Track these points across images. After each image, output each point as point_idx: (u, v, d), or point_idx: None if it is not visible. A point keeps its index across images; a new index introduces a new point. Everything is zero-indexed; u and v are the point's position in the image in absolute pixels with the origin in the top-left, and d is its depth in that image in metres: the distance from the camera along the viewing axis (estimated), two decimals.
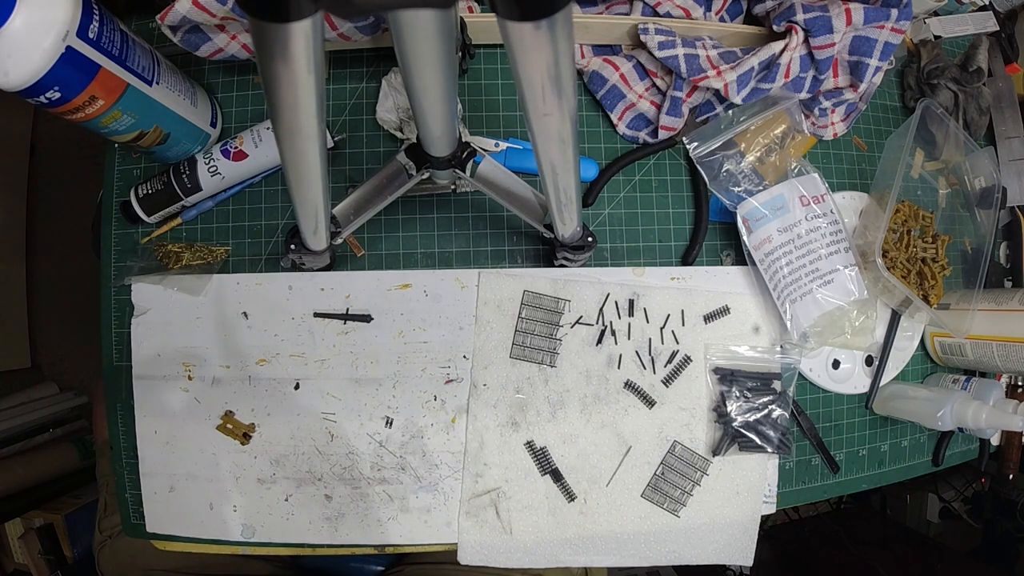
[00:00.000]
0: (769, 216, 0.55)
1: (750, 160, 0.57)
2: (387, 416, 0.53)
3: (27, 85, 0.38)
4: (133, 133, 0.47)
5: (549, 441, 0.54)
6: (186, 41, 0.49)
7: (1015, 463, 0.66)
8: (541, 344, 0.55)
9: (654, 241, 0.59)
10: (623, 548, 0.55)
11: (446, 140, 0.41)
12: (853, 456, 0.62)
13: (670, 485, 0.55)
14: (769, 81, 0.54)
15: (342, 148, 0.57)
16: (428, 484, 0.53)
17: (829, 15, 0.52)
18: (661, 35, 0.53)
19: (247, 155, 0.52)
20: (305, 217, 0.42)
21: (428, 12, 0.26)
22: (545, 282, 0.55)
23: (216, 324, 0.53)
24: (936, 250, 0.61)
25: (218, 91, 0.57)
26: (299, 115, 0.29)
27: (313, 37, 0.24)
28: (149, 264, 0.54)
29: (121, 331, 0.54)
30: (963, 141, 0.62)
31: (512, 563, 0.54)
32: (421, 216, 0.57)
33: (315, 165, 0.34)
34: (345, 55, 0.57)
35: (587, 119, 0.60)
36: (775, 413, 0.56)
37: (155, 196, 0.53)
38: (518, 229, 0.58)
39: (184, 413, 0.53)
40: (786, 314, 0.55)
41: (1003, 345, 0.58)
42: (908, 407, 0.59)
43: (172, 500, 0.52)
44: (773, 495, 0.57)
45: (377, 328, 0.54)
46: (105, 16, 0.41)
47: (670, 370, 0.56)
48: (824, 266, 0.55)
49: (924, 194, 0.64)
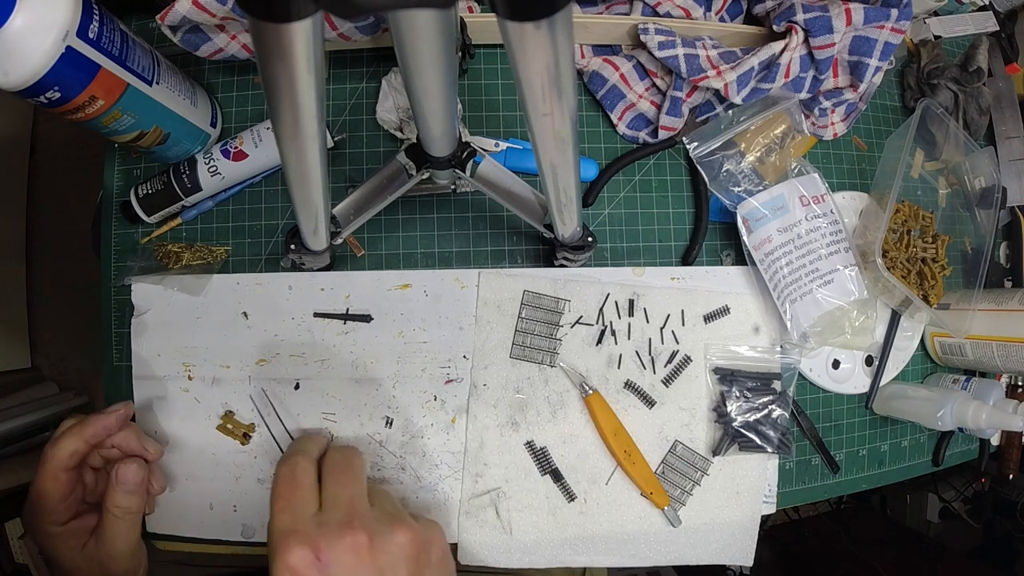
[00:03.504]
0: (769, 216, 0.55)
1: (750, 160, 0.57)
2: (387, 416, 0.53)
3: (27, 85, 0.38)
4: (133, 133, 0.47)
5: (549, 441, 0.54)
6: (186, 41, 0.49)
7: (1015, 463, 0.66)
8: (541, 344, 0.55)
9: (654, 241, 0.59)
10: (623, 548, 0.55)
11: (446, 140, 0.41)
12: (853, 456, 0.62)
13: (670, 485, 0.55)
14: (769, 81, 0.54)
15: (342, 148, 0.57)
16: (428, 484, 0.53)
17: (829, 15, 0.52)
18: (661, 35, 0.53)
19: (247, 155, 0.52)
20: (305, 217, 0.42)
21: (428, 12, 0.26)
22: (545, 282, 0.55)
23: (216, 324, 0.53)
24: (936, 250, 0.61)
25: (218, 91, 0.57)
26: (299, 115, 0.29)
27: (313, 37, 0.24)
28: (149, 264, 0.54)
29: (121, 331, 0.54)
30: (963, 141, 0.62)
31: (512, 563, 0.54)
32: (421, 216, 0.57)
33: (315, 165, 0.34)
34: (345, 55, 0.57)
35: (587, 119, 0.60)
36: (775, 413, 0.56)
37: (155, 196, 0.53)
38: (518, 229, 0.58)
39: (184, 413, 0.53)
40: (786, 314, 0.55)
41: (1003, 345, 0.58)
42: (908, 407, 0.59)
43: (172, 500, 0.52)
44: (773, 495, 0.57)
45: (377, 328, 0.54)
46: (105, 16, 0.41)
47: (670, 370, 0.56)
48: (824, 266, 0.55)
49: (924, 194, 0.64)
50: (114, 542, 0.44)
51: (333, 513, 0.37)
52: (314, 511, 0.37)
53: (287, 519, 0.36)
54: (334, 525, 0.36)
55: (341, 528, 0.35)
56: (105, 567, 0.44)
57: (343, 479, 0.39)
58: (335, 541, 0.35)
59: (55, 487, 0.43)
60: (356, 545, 0.35)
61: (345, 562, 0.34)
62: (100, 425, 0.45)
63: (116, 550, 0.44)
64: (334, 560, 0.34)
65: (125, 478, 0.44)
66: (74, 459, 0.44)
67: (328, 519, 0.36)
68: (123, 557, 0.45)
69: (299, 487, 0.38)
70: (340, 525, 0.35)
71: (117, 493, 0.44)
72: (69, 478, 0.44)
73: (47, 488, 0.43)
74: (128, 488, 0.44)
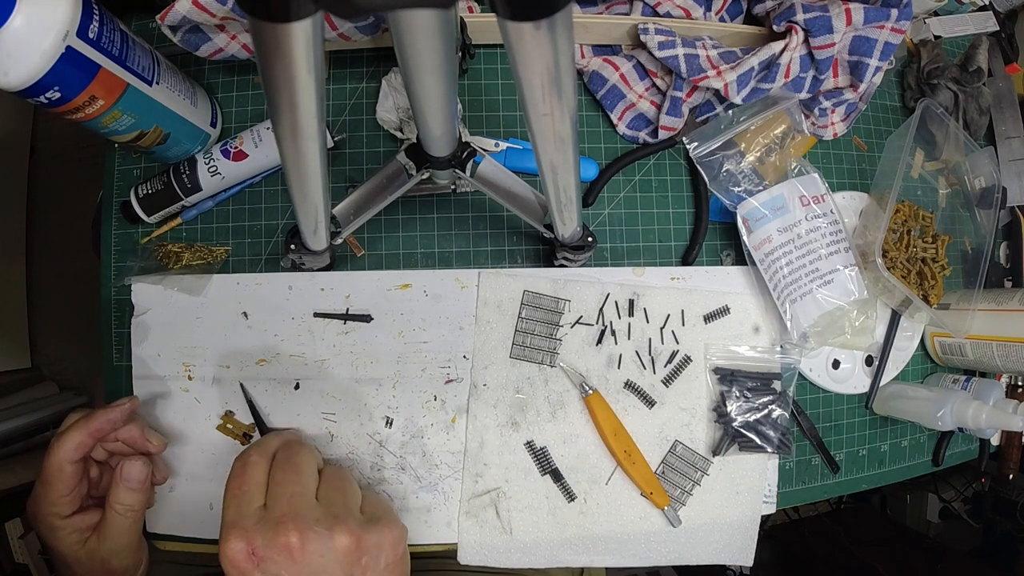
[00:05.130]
0: (769, 216, 0.55)
1: (750, 160, 0.57)
2: (387, 416, 0.53)
3: (27, 85, 0.38)
4: (133, 133, 0.47)
5: (549, 441, 0.54)
6: (186, 41, 0.49)
7: (1015, 463, 0.66)
8: (541, 344, 0.55)
9: (654, 241, 0.59)
10: (623, 548, 0.55)
11: (446, 140, 0.41)
12: (853, 456, 0.62)
13: (670, 485, 0.55)
14: (769, 81, 0.54)
15: (342, 148, 0.57)
16: (428, 484, 0.53)
17: (829, 15, 0.52)
18: (661, 35, 0.53)
19: (247, 155, 0.52)
20: (305, 217, 0.42)
21: (428, 12, 0.26)
22: (545, 282, 0.55)
23: (216, 324, 0.53)
24: (936, 250, 0.61)
25: (218, 91, 0.57)
26: (299, 115, 0.29)
27: (313, 37, 0.24)
28: (149, 264, 0.54)
29: (121, 331, 0.54)
30: (963, 141, 0.62)
31: (512, 563, 0.54)
32: (421, 216, 0.57)
33: (315, 165, 0.34)
34: (345, 55, 0.57)
35: (587, 119, 0.60)
36: (775, 413, 0.56)
37: (155, 196, 0.53)
38: (518, 229, 0.58)
39: (184, 413, 0.53)
40: (786, 314, 0.55)
41: (1003, 345, 0.58)
42: (908, 407, 0.59)
43: (172, 500, 0.52)
44: (773, 495, 0.57)
45: (377, 328, 0.54)
46: (105, 16, 0.41)
47: (670, 370, 0.56)
48: (824, 266, 0.55)
49: (924, 194, 0.64)
50: (116, 538, 0.44)
51: (272, 511, 0.37)
52: (258, 506, 0.38)
53: (232, 512, 0.37)
54: (271, 522, 0.36)
55: (276, 526, 0.36)
56: (106, 563, 0.44)
57: (283, 477, 0.40)
58: (269, 538, 0.36)
59: (59, 479, 0.43)
60: (288, 545, 0.35)
61: (277, 559, 0.35)
62: (105, 419, 0.45)
63: (118, 546, 0.44)
64: (267, 557, 0.35)
65: (129, 475, 0.44)
66: (79, 452, 0.44)
67: (267, 516, 0.37)
68: (124, 553, 0.45)
69: (246, 481, 0.39)
70: (275, 523, 0.36)
71: (121, 490, 0.44)
72: (74, 471, 0.44)
73: (52, 480, 0.43)
74: (132, 485, 0.44)
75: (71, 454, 0.43)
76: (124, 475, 0.44)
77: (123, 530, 0.44)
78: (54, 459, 0.43)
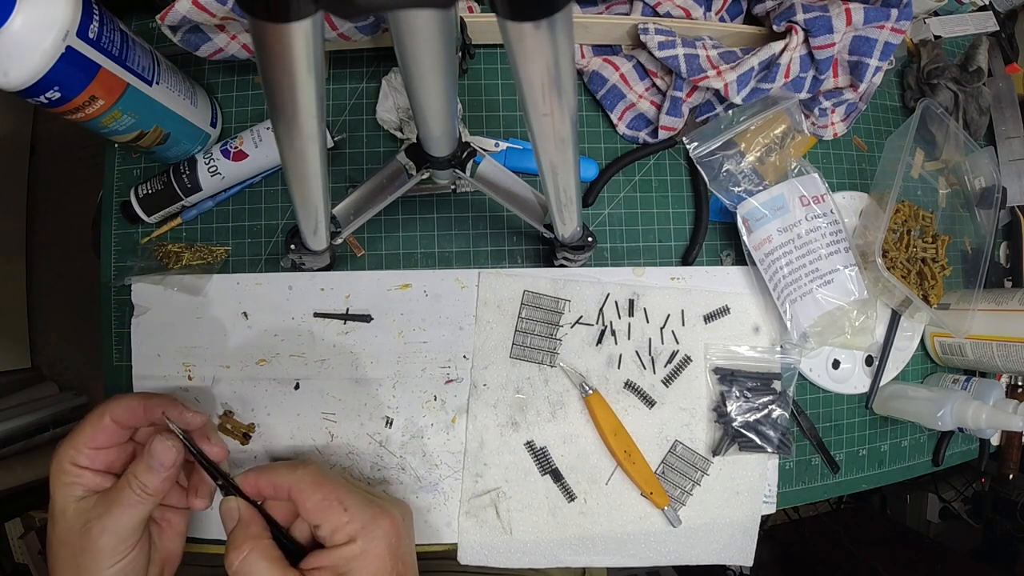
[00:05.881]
0: (769, 216, 0.55)
1: (750, 160, 0.57)
2: (387, 416, 0.53)
3: (27, 85, 0.38)
4: (133, 133, 0.47)
5: (549, 441, 0.54)
6: (186, 41, 0.49)
7: (1015, 463, 0.66)
8: (541, 344, 0.55)
9: (654, 241, 0.59)
10: (623, 548, 0.55)
11: (446, 140, 0.41)
12: (853, 456, 0.62)
13: (670, 485, 0.55)
14: (769, 81, 0.54)
15: (342, 148, 0.57)
16: (428, 484, 0.53)
17: (829, 15, 0.52)
18: (661, 35, 0.53)
19: (247, 155, 0.52)
20: (305, 217, 0.42)
21: (428, 12, 0.26)
22: (545, 282, 0.55)
23: (216, 324, 0.53)
24: (936, 250, 0.61)
25: (218, 91, 0.57)
26: (299, 115, 0.29)
27: (313, 37, 0.24)
28: (149, 264, 0.54)
29: (121, 331, 0.54)
30: (963, 141, 0.62)
31: (512, 563, 0.54)
32: (421, 216, 0.57)
33: (315, 165, 0.34)
34: (345, 55, 0.57)
35: (587, 119, 0.60)
36: (775, 413, 0.56)
37: (155, 196, 0.53)
38: (518, 229, 0.58)
39: None
40: (786, 314, 0.55)
41: (1003, 345, 0.58)
42: (908, 407, 0.59)
43: None
44: (773, 495, 0.57)
45: (377, 328, 0.54)
46: (105, 16, 0.41)
47: (670, 370, 0.56)
48: (824, 266, 0.55)
49: (924, 194, 0.64)
50: (114, 514, 0.40)
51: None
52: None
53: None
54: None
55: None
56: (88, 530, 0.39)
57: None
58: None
59: (93, 429, 0.41)
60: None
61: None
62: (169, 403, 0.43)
63: (107, 524, 0.39)
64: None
65: (157, 452, 0.40)
66: (126, 412, 0.41)
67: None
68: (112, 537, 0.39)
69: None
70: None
71: (142, 465, 0.40)
72: (112, 430, 0.41)
73: (86, 424, 0.41)
74: (155, 464, 0.40)
75: (118, 411, 0.41)
76: (152, 450, 0.40)
77: (125, 508, 0.39)
78: (100, 408, 0.41)
